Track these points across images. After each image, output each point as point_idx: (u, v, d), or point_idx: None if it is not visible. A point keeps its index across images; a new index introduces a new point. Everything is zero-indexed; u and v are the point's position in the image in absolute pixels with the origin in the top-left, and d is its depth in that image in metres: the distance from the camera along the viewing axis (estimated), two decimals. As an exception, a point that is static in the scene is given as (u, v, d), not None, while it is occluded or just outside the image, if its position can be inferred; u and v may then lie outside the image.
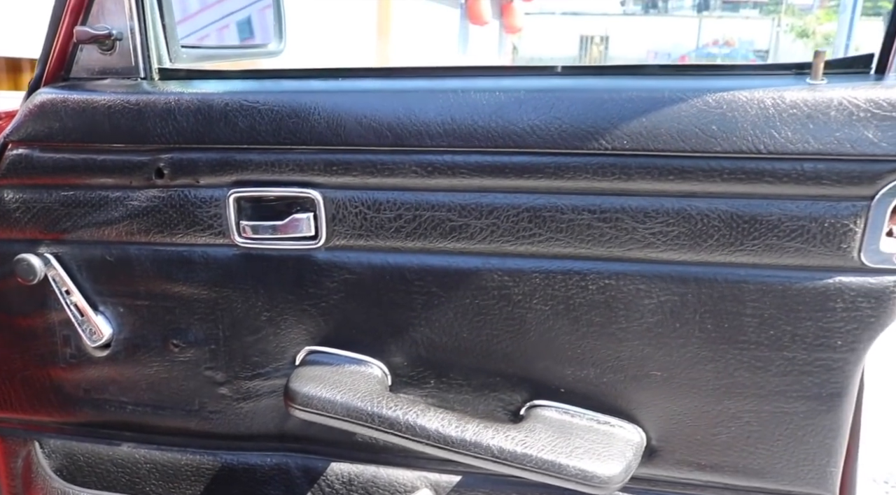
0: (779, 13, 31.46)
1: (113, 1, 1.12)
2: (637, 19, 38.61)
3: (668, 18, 38.08)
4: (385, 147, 1.01)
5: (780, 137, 0.90)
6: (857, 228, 0.92)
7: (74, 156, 1.13)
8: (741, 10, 45.09)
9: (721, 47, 33.63)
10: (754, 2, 48.44)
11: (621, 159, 0.95)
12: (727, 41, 33.59)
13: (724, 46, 33.58)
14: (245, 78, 1.19)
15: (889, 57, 0.95)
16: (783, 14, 31.42)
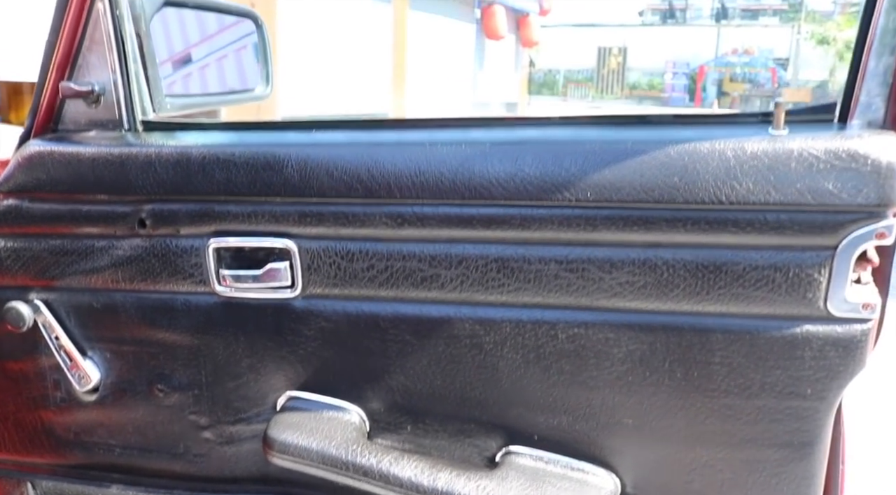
0: (799, 20, 31.21)
1: (97, 56, 1.15)
2: (655, 29, 38.53)
3: (686, 28, 37.95)
4: (356, 199, 1.03)
5: (742, 189, 0.91)
6: (822, 278, 0.92)
7: (61, 207, 1.17)
8: (760, 17, 44.81)
9: (740, 56, 33.41)
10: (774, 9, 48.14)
11: (586, 211, 0.96)
12: (746, 50, 33.38)
13: (744, 55, 33.36)
14: (224, 129, 1.22)
15: (850, 105, 0.95)
16: (803, 21, 31.17)
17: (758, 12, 49.12)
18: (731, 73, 34.10)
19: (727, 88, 33.39)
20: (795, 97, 12.70)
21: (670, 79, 34.77)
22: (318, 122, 1.17)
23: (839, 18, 31.97)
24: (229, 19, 1.42)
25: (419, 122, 1.15)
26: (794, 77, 29.58)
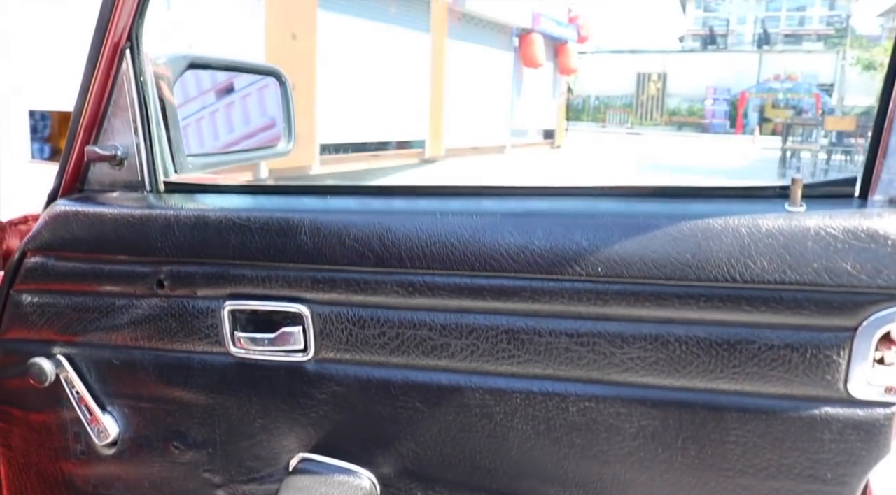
0: (844, 45, 30.72)
1: (121, 120, 1.18)
2: (696, 55, 38.28)
3: (727, 54, 37.64)
4: (367, 267, 1.03)
5: (756, 267, 0.89)
6: (842, 359, 0.89)
7: (84, 266, 1.19)
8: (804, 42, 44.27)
9: (783, 82, 32.98)
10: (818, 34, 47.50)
11: (596, 285, 0.95)
12: (789, 75, 32.95)
13: (787, 81, 32.92)
14: (241, 192, 1.23)
15: (871, 181, 0.93)
16: (848, 46, 30.67)
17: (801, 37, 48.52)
18: (774, 99, 33.64)
19: (769, 114, 32.90)
20: (839, 125, 12.43)
21: (711, 105, 34.44)
22: (332, 187, 1.18)
23: (886, 43, 31.41)
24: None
25: (431, 189, 1.15)
26: (840, 103, 29.06)
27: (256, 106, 1.45)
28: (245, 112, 1.44)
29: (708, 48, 42.72)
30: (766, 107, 33.75)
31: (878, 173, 0.92)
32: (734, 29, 49.47)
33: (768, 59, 34.81)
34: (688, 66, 36.03)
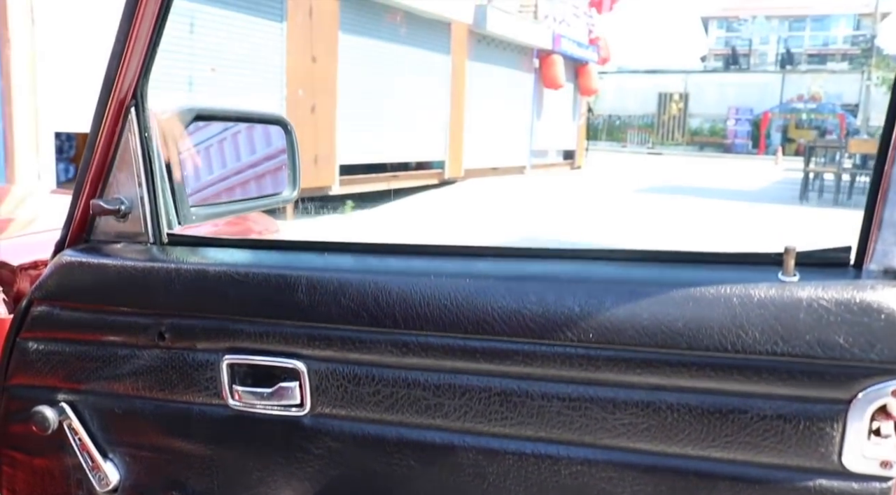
0: (869, 65, 30.45)
1: (126, 175, 1.21)
2: (718, 76, 38.15)
3: (750, 75, 37.47)
4: (362, 326, 1.04)
5: (748, 338, 0.88)
6: (836, 432, 0.87)
7: (89, 316, 1.22)
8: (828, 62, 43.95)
9: (807, 102, 32.75)
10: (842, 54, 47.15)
11: (588, 350, 0.94)
12: (813, 95, 32.73)
13: (810, 101, 32.69)
14: (243, 247, 1.25)
15: (866, 250, 0.92)
16: (874, 66, 30.39)
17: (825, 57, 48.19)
18: (797, 119, 33.40)
19: (793, 135, 32.67)
20: (863, 148, 12.30)
21: (733, 125, 34.27)
22: (330, 243, 1.19)
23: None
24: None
25: (426, 248, 1.16)
26: (865, 123, 28.77)
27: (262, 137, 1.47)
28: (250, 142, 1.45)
29: (730, 68, 42.56)
30: (789, 127, 33.52)
31: (873, 243, 0.91)
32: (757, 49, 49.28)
33: (791, 80, 34.60)
34: (710, 86, 35.92)
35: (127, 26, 1.11)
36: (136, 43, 1.12)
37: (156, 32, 1.12)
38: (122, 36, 1.12)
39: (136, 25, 1.11)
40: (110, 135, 1.18)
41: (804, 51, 48.96)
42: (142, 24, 1.11)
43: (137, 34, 1.12)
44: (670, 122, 36.17)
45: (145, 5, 1.10)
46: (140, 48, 1.12)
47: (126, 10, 1.11)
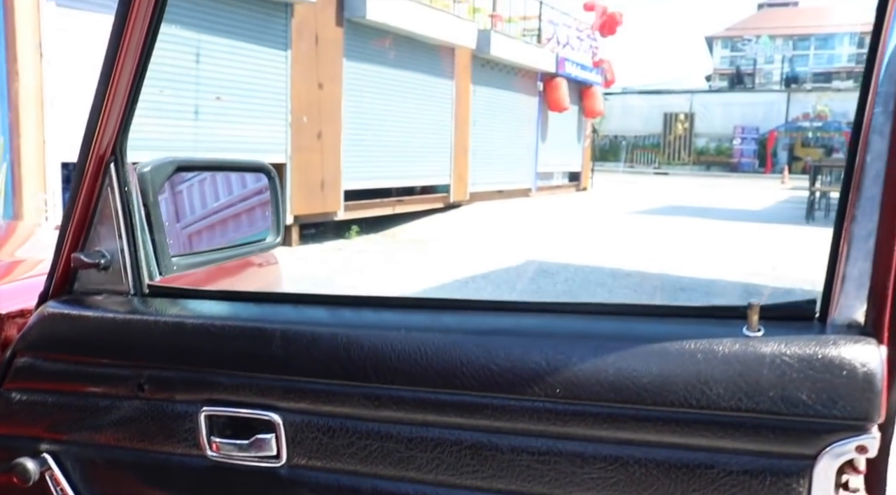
0: (874, 83, 30.37)
1: (106, 228, 1.23)
2: (723, 95, 38.23)
3: (755, 94, 37.53)
4: (335, 379, 1.05)
5: (712, 394, 0.88)
6: (802, 488, 0.87)
7: (70, 367, 1.23)
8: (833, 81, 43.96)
9: (812, 121, 32.74)
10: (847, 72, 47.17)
11: (556, 405, 0.95)
12: (818, 114, 32.72)
13: (816, 119, 32.68)
14: (221, 299, 1.27)
15: (830, 303, 0.92)
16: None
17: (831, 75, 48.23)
18: (803, 137, 33.39)
19: (799, 153, 32.64)
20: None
21: (739, 144, 34.28)
22: (305, 295, 1.20)
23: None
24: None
25: (398, 301, 1.18)
26: (871, 141, 28.66)
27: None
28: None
29: (735, 88, 42.65)
30: (795, 145, 33.50)
31: (837, 297, 0.91)
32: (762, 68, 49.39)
33: (797, 98, 34.62)
34: (715, 106, 35.99)
35: (105, 84, 1.14)
36: (115, 100, 1.14)
37: (134, 89, 1.15)
38: (101, 93, 1.14)
39: (114, 83, 1.14)
40: (90, 190, 1.21)
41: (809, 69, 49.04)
42: (120, 82, 1.14)
43: (115, 91, 1.14)
44: (676, 142, 36.22)
45: (122, 63, 1.12)
46: (119, 105, 1.15)
47: (104, 68, 1.14)
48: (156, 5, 1.10)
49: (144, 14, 1.10)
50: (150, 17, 1.11)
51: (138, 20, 1.10)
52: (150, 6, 1.10)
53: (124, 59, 1.12)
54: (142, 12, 1.10)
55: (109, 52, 1.12)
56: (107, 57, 1.12)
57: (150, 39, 1.12)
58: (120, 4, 1.10)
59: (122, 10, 1.10)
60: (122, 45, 1.11)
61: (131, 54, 1.12)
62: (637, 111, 36.96)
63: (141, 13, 1.10)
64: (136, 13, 1.10)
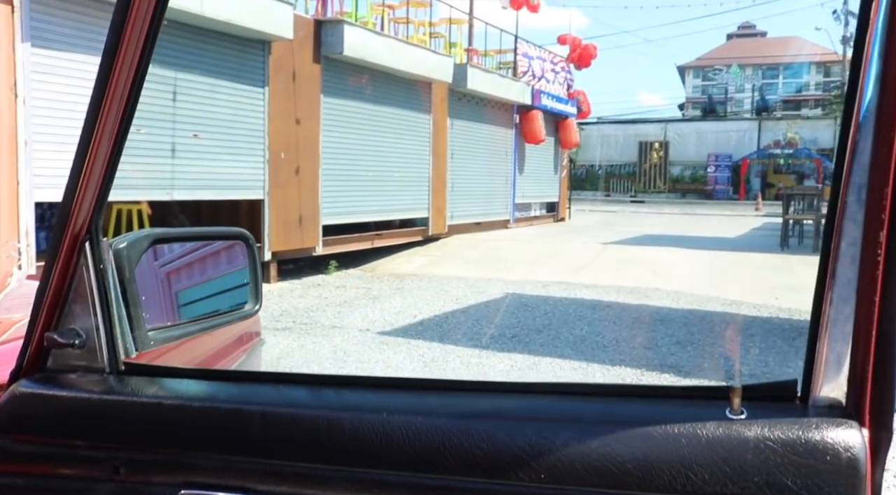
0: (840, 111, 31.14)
1: (81, 306, 1.20)
2: (696, 124, 38.86)
3: (727, 122, 38.20)
4: (316, 463, 1.03)
5: (697, 479, 0.88)
6: None
7: (43, 449, 1.20)
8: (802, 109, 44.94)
9: (783, 148, 33.37)
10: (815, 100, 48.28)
11: (540, 489, 0.94)
12: (789, 141, 33.37)
13: (787, 147, 33.32)
14: (200, 377, 1.24)
15: (811, 383, 0.93)
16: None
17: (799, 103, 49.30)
18: (775, 164, 34.00)
19: (772, 180, 33.20)
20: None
21: (713, 171, 34.81)
22: (285, 374, 1.19)
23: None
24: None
25: (380, 381, 1.17)
26: (841, 167, 29.26)
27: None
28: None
29: (708, 116, 43.41)
30: (768, 172, 34.10)
31: (819, 378, 0.92)
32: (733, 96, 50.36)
33: (768, 126, 35.30)
34: (689, 134, 36.56)
35: (81, 163, 1.13)
36: (91, 179, 1.13)
37: (110, 167, 1.14)
38: (76, 172, 1.13)
39: (89, 162, 1.12)
40: (65, 269, 1.18)
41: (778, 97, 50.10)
42: (95, 161, 1.12)
43: (91, 170, 1.13)
44: (652, 170, 36.68)
45: (99, 143, 1.11)
46: (94, 184, 1.14)
47: (80, 148, 1.12)
48: (132, 88, 1.10)
49: (121, 95, 1.10)
50: (125, 99, 1.10)
51: (114, 102, 1.10)
52: (126, 88, 1.10)
53: (101, 138, 1.11)
54: (118, 94, 1.09)
55: (85, 131, 1.11)
56: (83, 137, 1.11)
57: (127, 120, 1.12)
58: (95, 87, 1.09)
59: (98, 92, 1.09)
60: (99, 124, 1.10)
61: (108, 133, 1.11)
62: (612, 140, 37.44)
63: (117, 95, 1.09)
64: (112, 94, 1.09)
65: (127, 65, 1.09)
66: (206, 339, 1.41)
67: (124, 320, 1.23)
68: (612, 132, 37.85)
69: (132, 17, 1.08)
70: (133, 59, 1.09)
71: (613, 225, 17.68)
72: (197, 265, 1.39)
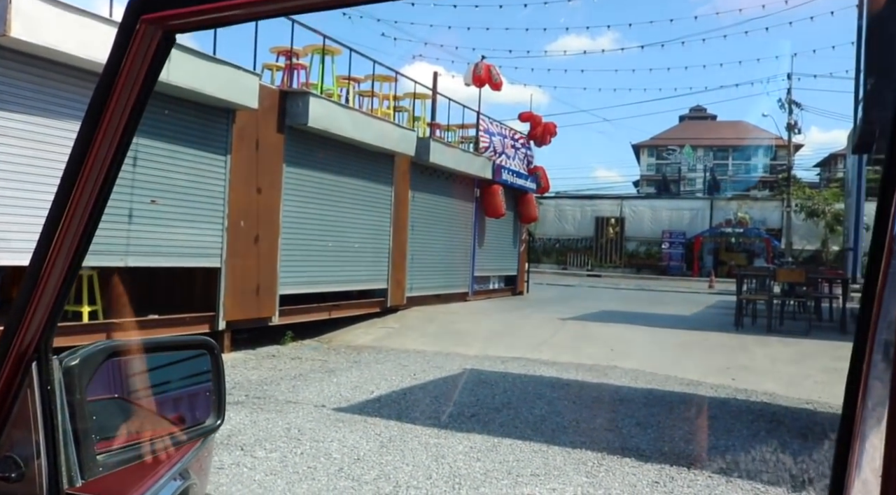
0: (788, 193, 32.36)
1: (21, 432, 1.05)
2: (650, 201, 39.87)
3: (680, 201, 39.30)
4: None
5: None
6: None
7: None
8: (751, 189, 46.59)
9: (734, 227, 34.35)
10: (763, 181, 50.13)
11: None
12: (740, 220, 34.39)
13: (738, 226, 34.31)
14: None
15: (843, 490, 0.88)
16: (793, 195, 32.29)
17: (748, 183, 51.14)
18: (727, 242, 34.93)
19: (724, 257, 34.05)
20: (790, 277, 12.81)
21: (667, 248, 35.57)
22: None
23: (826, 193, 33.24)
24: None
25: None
26: (788, 247, 30.22)
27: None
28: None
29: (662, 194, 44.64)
30: (720, 250, 34.99)
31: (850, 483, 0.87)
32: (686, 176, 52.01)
33: (719, 205, 36.39)
34: (644, 211, 37.46)
35: (34, 279, 1.02)
36: (44, 295, 1.01)
37: (66, 284, 1.03)
38: (30, 284, 1.02)
39: (43, 278, 1.01)
40: (6, 390, 1.06)
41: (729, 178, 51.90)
42: (50, 278, 1.02)
43: (45, 287, 1.01)
44: (608, 245, 37.30)
45: (57, 254, 1.01)
46: (47, 300, 1.02)
47: (34, 259, 1.02)
48: (92, 212, 1.01)
49: (83, 208, 1.01)
50: (88, 212, 1.01)
51: (76, 216, 1.01)
52: (87, 209, 1.01)
53: (58, 250, 1.01)
54: (80, 208, 1.00)
55: (41, 244, 1.01)
56: (38, 249, 1.01)
57: (88, 236, 1.01)
58: (53, 206, 1.00)
59: (58, 205, 1.00)
60: (58, 237, 1.00)
61: (65, 246, 1.01)
62: (570, 215, 38.12)
63: (79, 210, 1.00)
64: (73, 210, 1.00)
65: (95, 173, 0.99)
66: (157, 465, 1.29)
67: (70, 446, 1.10)
68: (570, 207, 38.57)
69: (101, 132, 0.97)
70: (103, 164, 0.99)
71: (571, 299, 17.78)
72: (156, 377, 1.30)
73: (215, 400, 1.28)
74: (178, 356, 1.33)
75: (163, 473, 1.26)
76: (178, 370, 1.34)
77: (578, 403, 6.82)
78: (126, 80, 0.96)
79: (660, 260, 35.62)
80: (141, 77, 0.96)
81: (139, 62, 0.95)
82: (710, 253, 35.14)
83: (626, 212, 37.40)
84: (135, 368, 1.23)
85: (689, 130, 58.37)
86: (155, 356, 1.29)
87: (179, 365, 1.33)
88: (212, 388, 1.28)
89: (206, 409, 1.28)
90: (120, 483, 1.23)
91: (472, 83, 16.37)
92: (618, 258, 36.75)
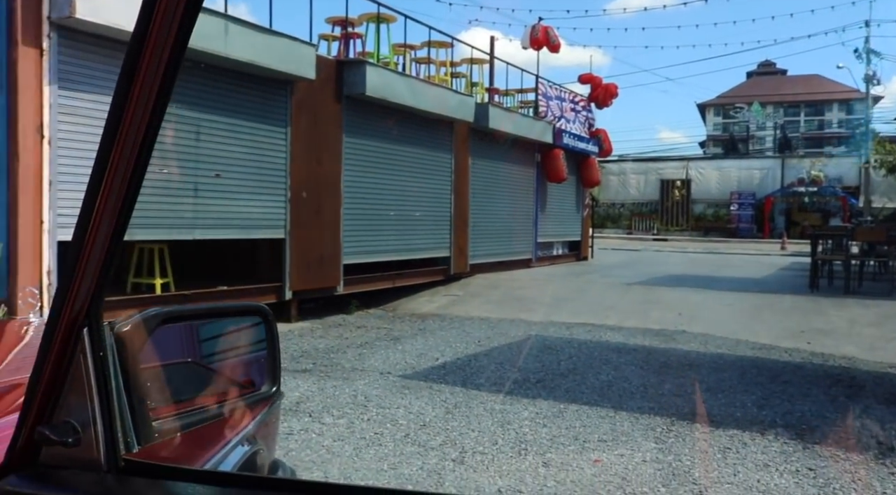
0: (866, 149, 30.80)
1: (77, 397, 1.07)
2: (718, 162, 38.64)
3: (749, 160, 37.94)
4: None
5: None
6: None
7: None
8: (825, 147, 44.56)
9: (808, 186, 33.02)
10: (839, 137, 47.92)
11: None
12: (814, 179, 33.04)
13: (812, 185, 32.97)
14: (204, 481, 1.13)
15: None
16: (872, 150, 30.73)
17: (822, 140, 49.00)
18: (800, 202, 33.64)
19: (797, 218, 32.85)
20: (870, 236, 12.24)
21: (736, 210, 34.50)
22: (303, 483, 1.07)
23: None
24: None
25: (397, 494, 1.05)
26: (867, 206, 28.89)
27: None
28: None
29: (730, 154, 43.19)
30: (792, 210, 33.74)
31: None
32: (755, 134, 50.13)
33: (791, 164, 34.99)
34: (711, 172, 36.35)
35: (79, 246, 1.01)
36: (90, 261, 1.00)
37: (111, 249, 1.02)
38: (76, 251, 1.01)
39: (88, 244, 1.00)
40: (60, 357, 1.06)
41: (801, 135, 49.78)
42: (95, 243, 1.01)
43: (91, 253, 1.00)
44: (674, 208, 36.42)
45: (100, 220, 0.99)
46: (94, 267, 1.01)
47: (79, 225, 1.01)
48: (132, 177, 0.99)
49: (122, 176, 0.98)
50: (127, 178, 0.99)
51: (115, 183, 0.98)
52: (126, 174, 0.98)
53: (101, 216, 0.99)
54: (119, 176, 0.98)
55: (85, 209, 0.99)
56: (82, 214, 0.99)
57: (131, 198, 1.00)
58: (96, 164, 0.98)
59: (97, 173, 0.98)
60: (100, 202, 0.99)
61: (109, 210, 0.99)
62: (634, 179, 37.32)
63: (118, 178, 0.98)
64: (113, 174, 0.98)
65: (131, 139, 0.97)
66: (214, 431, 1.28)
67: (125, 412, 1.10)
68: (634, 170, 37.74)
69: (137, 88, 0.94)
70: (138, 130, 0.96)
71: (637, 264, 17.46)
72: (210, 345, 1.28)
73: (269, 367, 1.26)
74: (232, 323, 1.32)
75: (226, 440, 1.25)
76: (233, 337, 1.32)
77: (646, 368, 6.69)
78: (157, 40, 0.92)
79: (728, 222, 34.60)
80: (172, 35, 0.92)
81: (168, 20, 0.91)
82: (782, 213, 33.93)
83: (692, 174, 36.37)
84: (188, 334, 1.21)
85: (758, 87, 56.14)
86: (209, 323, 1.27)
87: (234, 333, 1.32)
88: (266, 356, 1.26)
89: (261, 376, 1.26)
90: (178, 449, 1.22)
91: (529, 46, 16.04)
92: (684, 221, 35.87)
